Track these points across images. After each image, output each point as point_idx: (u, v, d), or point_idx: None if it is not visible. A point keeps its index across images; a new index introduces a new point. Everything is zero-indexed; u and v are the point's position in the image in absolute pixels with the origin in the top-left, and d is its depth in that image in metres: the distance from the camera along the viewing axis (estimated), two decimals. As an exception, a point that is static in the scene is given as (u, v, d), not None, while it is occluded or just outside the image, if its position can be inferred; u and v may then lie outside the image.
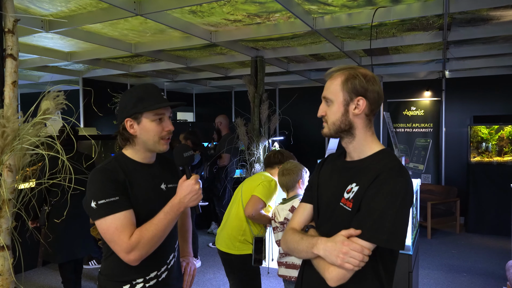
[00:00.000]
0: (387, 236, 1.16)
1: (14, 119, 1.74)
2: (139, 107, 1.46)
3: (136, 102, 1.47)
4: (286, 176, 2.49)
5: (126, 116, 1.48)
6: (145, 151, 1.53)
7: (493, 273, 4.31)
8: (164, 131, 1.50)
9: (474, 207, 5.94)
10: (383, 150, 1.32)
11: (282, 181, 2.52)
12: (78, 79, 6.28)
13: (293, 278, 2.41)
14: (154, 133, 1.48)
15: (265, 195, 2.57)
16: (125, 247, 1.36)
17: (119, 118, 1.52)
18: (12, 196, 1.80)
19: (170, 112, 1.56)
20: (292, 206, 2.42)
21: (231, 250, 2.59)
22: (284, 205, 2.48)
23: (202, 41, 3.92)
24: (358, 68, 1.32)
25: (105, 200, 1.37)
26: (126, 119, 1.48)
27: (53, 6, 3.00)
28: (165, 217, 1.42)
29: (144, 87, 1.52)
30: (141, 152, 1.53)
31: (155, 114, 1.48)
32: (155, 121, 1.48)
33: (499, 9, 3.19)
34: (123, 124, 1.49)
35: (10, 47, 1.82)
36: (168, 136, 1.53)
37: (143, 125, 1.48)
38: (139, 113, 1.46)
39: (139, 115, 1.47)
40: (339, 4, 3.06)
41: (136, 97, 1.47)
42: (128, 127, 1.49)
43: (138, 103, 1.46)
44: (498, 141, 5.96)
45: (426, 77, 6.73)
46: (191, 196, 1.43)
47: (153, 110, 1.47)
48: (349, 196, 1.26)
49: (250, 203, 2.54)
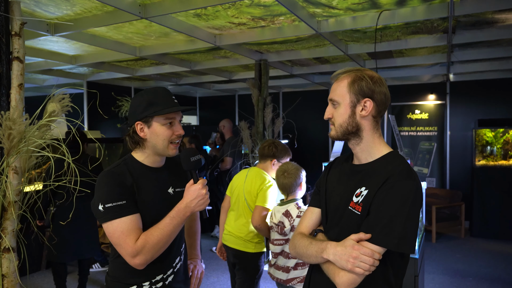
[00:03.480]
0: (397, 240, 1.14)
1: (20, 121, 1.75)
2: (150, 111, 1.45)
3: (147, 105, 1.46)
4: (287, 178, 2.46)
5: (136, 119, 1.48)
6: (154, 155, 1.53)
7: (499, 278, 4.27)
8: (174, 135, 1.50)
9: (479, 211, 5.90)
10: (391, 152, 1.31)
11: (282, 184, 2.49)
12: (83, 82, 6.31)
13: (279, 280, 2.40)
14: (164, 137, 1.48)
15: (267, 202, 2.61)
16: (130, 251, 1.36)
17: (129, 121, 1.52)
18: (17, 198, 1.80)
19: (181, 116, 1.56)
20: (287, 210, 2.41)
21: (248, 249, 2.65)
22: (281, 207, 2.47)
23: (206, 44, 3.92)
24: (365, 69, 1.32)
25: (112, 204, 1.37)
26: (136, 123, 1.48)
27: (59, 10, 3.01)
28: (171, 221, 1.41)
29: (155, 91, 1.51)
30: (150, 156, 1.53)
31: (165, 118, 1.47)
32: (165, 125, 1.48)
33: (504, 12, 3.18)
34: (133, 127, 1.49)
35: (16, 50, 1.84)
36: (178, 140, 1.53)
37: (154, 129, 1.47)
38: (150, 116, 1.46)
39: (150, 118, 1.47)
40: (343, 7, 3.06)
41: (147, 101, 1.47)
42: (138, 131, 1.48)
43: (149, 106, 1.46)
44: (503, 145, 5.93)
45: (430, 81, 6.71)
46: (197, 200, 1.42)
47: (164, 114, 1.46)
48: (358, 200, 1.24)
49: (255, 214, 2.58)
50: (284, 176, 2.47)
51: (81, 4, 2.88)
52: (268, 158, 2.76)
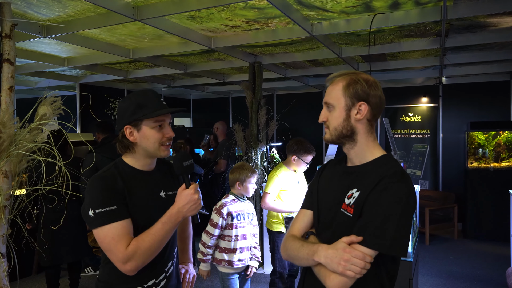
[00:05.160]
0: (390, 243, 1.14)
1: (10, 124, 1.72)
2: (138, 114, 1.43)
3: (135, 108, 1.44)
4: (231, 174, 2.78)
5: (125, 123, 1.45)
6: (145, 158, 1.51)
7: (491, 280, 4.29)
8: (164, 137, 1.48)
9: (472, 213, 5.94)
10: (384, 155, 1.30)
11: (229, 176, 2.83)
12: (75, 84, 6.25)
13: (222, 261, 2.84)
14: (154, 140, 1.46)
15: (271, 188, 3.17)
16: (121, 257, 1.33)
17: (118, 125, 1.49)
18: (7, 202, 1.77)
19: (170, 118, 1.54)
20: (220, 204, 2.73)
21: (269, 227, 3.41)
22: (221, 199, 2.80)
23: (200, 47, 3.91)
24: (360, 73, 1.31)
25: (103, 209, 1.34)
26: (125, 127, 1.45)
27: (51, 11, 2.98)
28: (163, 227, 1.39)
29: (144, 93, 1.49)
30: (141, 160, 1.51)
31: (155, 121, 1.45)
32: (155, 128, 1.46)
33: (496, 16, 3.20)
34: (122, 132, 1.47)
35: (7, 52, 1.81)
36: (169, 142, 1.51)
37: (143, 132, 1.45)
38: (139, 120, 1.44)
39: (139, 122, 1.44)
40: (337, 10, 3.07)
41: (136, 104, 1.44)
42: (127, 135, 1.46)
43: (137, 109, 1.43)
44: (495, 147, 5.98)
45: (423, 83, 6.75)
46: (189, 205, 1.40)
47: (153, 117, 1.44)
48: (350, 201, 1.24)
49: (262, 199, 3.19)
50: (232, 170, 2.80)
51: (74, 5, 2.85)
52: (290, 154, 3.22)
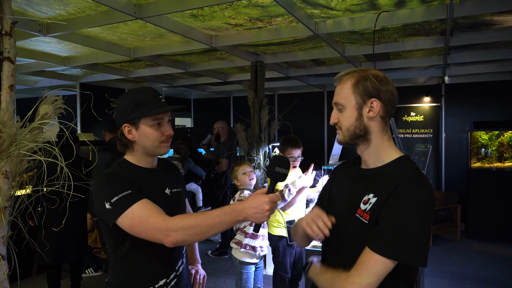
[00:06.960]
0: (409, 253, 1.07)
1: (11, 124, 1.68)
2: (137, 112, 1.40)
3: (134, 107, 1.41)
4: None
5: (123, 121, 1.43)
6: (145, 156, 1.48)
7: (497, 281, 4.25)
8: (163, 135, 1.45)
9: (475, 213, 5.89)
10: (401, 157, 1.24)
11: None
12: (76, 84, 6.21)
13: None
14: (153, 138, 1.43)
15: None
16: (159, 227, 1.24)
17: (117, 123, 1.46)
18: (8, 203, 1.73)
19: (169, 116, 1.51)
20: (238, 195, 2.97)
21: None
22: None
23: (202, 46, 3.87)
24: (368, 69, 1.26)
25: (118, 196, 1.29)
26: (124, 125, 1.43)
27: (51, 10, 2.94)
28: (219, 215, 1.25)
29: (142, 91, 1.46)
30: (142, 157, 1.48)
31: (153, 119, 1.42)
32: (153, 126, 1.43)
33: (502, 14, 3.16)
34: (121, 130, 1.44)
35: (7, 50, 1.77)
36: (168, 140, 1.48)
37: (142, 130, 1.42)
38: (137, 118, 1.41)
39: (137, 120, 1.41)
40: (342, 8, 3.03)
41: (134, 102, 1.42)
42: (126, 133, 1.43)
43: (136, 108, 1.41)
44: (498, 147, 5.94)
45: (426, 83, 6.71)
46: (255, 211, 1.24)
47: (152, 115, 1.41)
48: (366, 207, 1.17)
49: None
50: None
51: (75, 3, 2.81)
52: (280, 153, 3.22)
